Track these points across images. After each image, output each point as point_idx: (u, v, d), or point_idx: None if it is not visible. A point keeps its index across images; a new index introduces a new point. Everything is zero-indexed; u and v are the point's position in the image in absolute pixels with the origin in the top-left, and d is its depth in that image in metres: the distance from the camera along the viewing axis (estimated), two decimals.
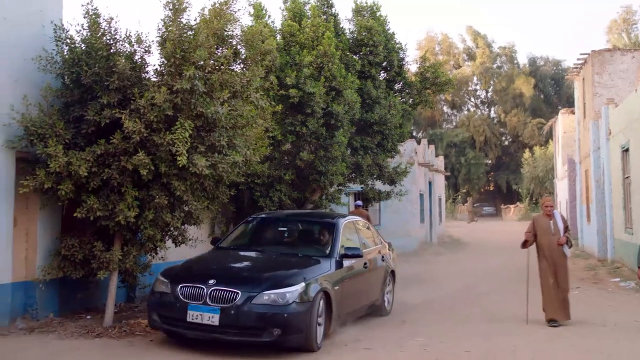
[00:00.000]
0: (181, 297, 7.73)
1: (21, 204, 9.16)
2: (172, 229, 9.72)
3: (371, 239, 10.90)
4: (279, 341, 7.51)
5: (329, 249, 9.09)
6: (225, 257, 9.21)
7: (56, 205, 9.20)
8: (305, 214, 11.48)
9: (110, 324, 9.01)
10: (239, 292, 7.55)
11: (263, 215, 10.71)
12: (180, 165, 8.44)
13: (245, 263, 9.16)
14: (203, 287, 7.68)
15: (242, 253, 9.50)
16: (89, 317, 9.71)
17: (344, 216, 10.53)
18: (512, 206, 61.48)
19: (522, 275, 16.28)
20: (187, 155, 8.41)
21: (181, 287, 7.81)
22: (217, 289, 7.62)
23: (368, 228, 11.17)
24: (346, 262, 8.99)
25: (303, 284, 7.78)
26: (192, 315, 7.57)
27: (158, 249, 9.63)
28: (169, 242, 9.89)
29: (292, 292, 7.63)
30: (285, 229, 10.40)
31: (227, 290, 7.59)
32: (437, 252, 24.86)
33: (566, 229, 10.11)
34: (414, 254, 23.24)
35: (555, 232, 10.01)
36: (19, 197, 8.98)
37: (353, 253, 9.05)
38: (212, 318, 7.48)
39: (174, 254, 10.14)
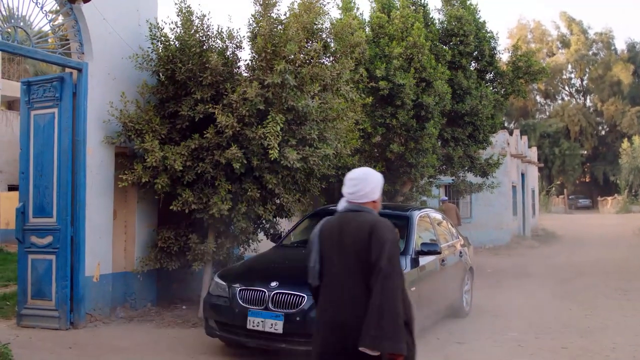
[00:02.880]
0: (240, 302, 6.95)
1: (120, 198, 9.49)
2: (264, 221, 9.84)
3: (448, 233, 10.09)
4: None
5: (403, 245, 8.09)
6: (288, 256, 8.36)
7: (153, 199, 9.47)
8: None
9: None
10: (305, 295, 6.64)
11: (328, 209, 9.89)
12: (272, 159, 8.51)
13: None
14: (264, 290, 6.89)
15: (306, 251, 8.76)
16: (184, 307, 9.98)
17: (419, 209, 9.55)
18: (609, 198, 59.13)
19: (621, 270, 15.80)
20: (278, 148, 8.47)
21: (240, 290, 7.04)
22: (280, 293, 6.81)
23: (444, 221, 10.35)
24: (422, 260, 8.06)
25: None
26: (253, 322, 6.76)
27: (250, 241, 9.78)
28: (261, 235, 10.01)
29: None
30: None
31: (292, 294, 6.76)
32: (530, 246, 24.25)
33: None
34: (507, 247, 22.78)
35: None
36: (118, 191, 9.30)
37: (430, 249, 8.08)
38: (275, 325, 6.66)
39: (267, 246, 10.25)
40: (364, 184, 4.03)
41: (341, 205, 4.07)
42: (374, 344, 3.49)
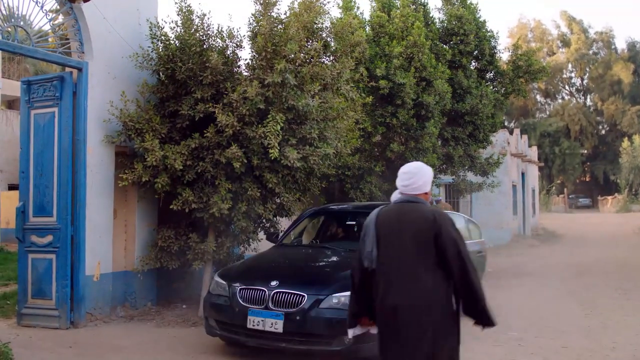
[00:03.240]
0: (240, 301, 6.93)
1: (120, 197, 9.49)
2: (264, 220, 9.84)
3: (469, 233, 10.07)
4: (352, 350, 6.56)
5: None
6: (288, 255, 8.43)
7: (153, 198, 9.47)
8: (376, 206, 10.52)
9: None
10: (305, 295, 6.70)
11: (328, 208, 10.13)
12: (272, 158, 8.51)
13: (311, 261, 8.22)
14: (265, 289, 6.86)
15: (306, 250, 8.80)
16: (184, 306, 9.98)
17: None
18: (609, 197, 59.08)
19: (621, 269, 15.80)
20: (278, 147, 8.47)
21: (240, 289, 7.01)
22: (280, 292, 6.79)
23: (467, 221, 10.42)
24: None
25: None
26: (253, 322, 6.74)
27: (250, 240, 9.78)
28: (261, 234, 10.01)
29: None
30: (353, 222, 9.43)
31: (292, 293, 6.76)
32: (530, 245, 24.25)
33: None
34: (507, 247, 22.78)
35: None
36: (118, 190, 9.30)
37: None
38: (275, 324, 6.65)
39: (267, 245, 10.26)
40: (417, 177, 4.34)
41: (395, 197, 4.43)
42: (482, 322, 4.15)
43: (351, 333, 4.60)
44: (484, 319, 4.14)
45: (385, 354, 4.20)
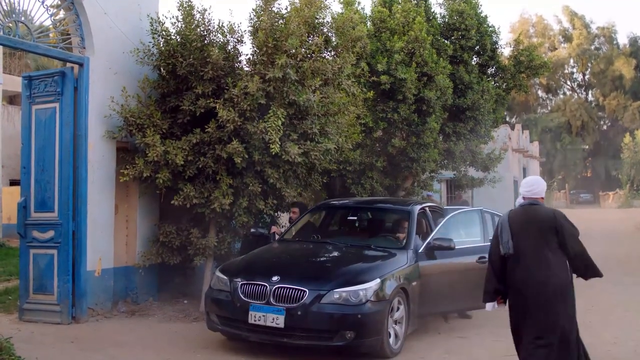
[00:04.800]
0: (242, 296, 6.94)
1: (121, 192, 9.49)
2: (265, 216, 9.85)
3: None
4: (353, 345, 6.68)
5: (405, 239, 8.22)
6: (289, 251, 8.43)
7: (154, 193, 9.47)
8: (376, 201, 10.60)
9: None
10: (306, 290, 6.73)
11: (330, 203, 10.10)
12: (273, 153, 8.51)
13: (312, 257, 8.22)
14: (266, 284, 6.88)
15: (307, 246, 8.73)
16: (186, 301, 9.99)
17: (420, 203, 9.43)
18: (611, 193, 59.06)
19: (623, 265, 15.78)
20: (279, 143, 8.47)
21: (242, 284, 7.03)
22: (281, 287, 6.82)
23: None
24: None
25: (378, 280, 6.94)
26: (254, 317, 6.76)
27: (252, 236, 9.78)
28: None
29: (366, 289, 6.78)
30: (355, 218, 9.54)
31: (293, 288, 6.78)
32: None
33: None
34: None
35: None
36: (120, 186, 9.31)
37: (442, 244, 8.05)
38: (276, 320, 6.66)
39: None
40: (536, 186, 5.98)
41: (519, 201, 6.05)
42: (593, 276, 5.85)
43: (490, 307, 6.11)
44: (594, 274, 5.83)
45: (524, 314, 5.73)
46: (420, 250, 8.03)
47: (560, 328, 5.59)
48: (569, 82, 71.84)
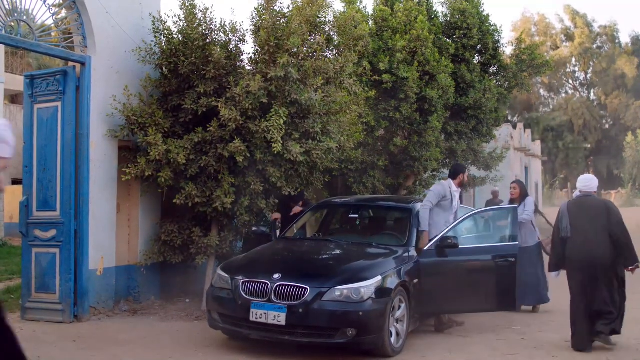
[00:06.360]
0: (243, 294, 6.91)
1: (123, 191, 9.49)
2: (266, 214, 9.85)
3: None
4: (354, 343, 6.67)
5: (406, 237, 8.20)
6: (291, 249, 8.44)
7: (156, 192, 9.47)
8: (378, 199, 10.65)
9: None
10: (308, 287, 6.70)
11: (332, 202, 10.09)
12: (275, 152, 8.51)
13: (314, 254, 8.23)
14: (267, 282, 6.85)
15: (309, 243, 8.80)
16: (187, 300, 10.00)
17: (421, 201, 9.23)
18: (613, 192, 58.96)
19: None
20: (281, 142, 8.47)
21: (243, 282, 6.99)
22: (283, 285, 6.78)
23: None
24: (430, 254, 7.97)
25: (380, 278, 6.92)
26: (256, 315, 6.74)
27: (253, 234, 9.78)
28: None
29: (367, 286, 6.76)
30: (356, 215, 9.51)
31: (295, 286, 6.75)
32: None
33: None
34: None
35: None
36: (122, 185, 9.31)
37: (448, 243, 7.94)
38: (278, 317, 6.64)
39: None
40: (591, 182, 7.63)
41: (576, 194, 7.72)
42: (629, 263, 7.32)
43: (554, 275, 7.95)
44: (633, 259, 7.29)
45: (584, 281, 7.34)
46: (425, 248, 8.02)
47: (608, 295, 7.31)
48: (570, 81, 71.80)
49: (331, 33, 9.87)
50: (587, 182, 7.62)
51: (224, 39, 9.28)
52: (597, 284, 7.29)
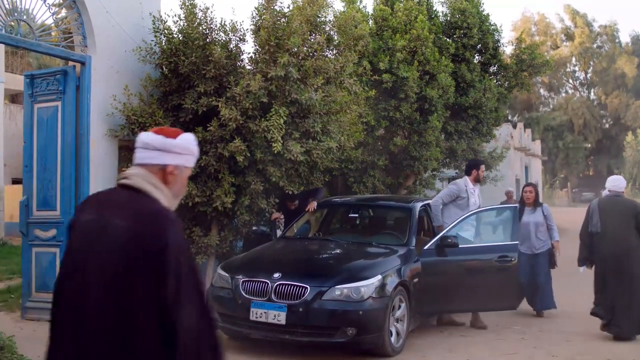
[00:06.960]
0: (243, 293, 6.95)
1: None
2: (267, 214, 9.85)
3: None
4: (354, 342, 6.70)
5: (406, 236, 8.24)
6: (290, 248, 8.47)
7: None
8: (378, 199, 10.68)
9: None
10: (308, 286, 6.73)
11: (332, 201, 10.10)
12: (275, 152, 8.51)
13: (314, 254, 8.28)
14: (267, 281, 6.89)
15: (309, 243, 8.80)
16: None
17: (421, 200, 9.48)
18: None
19: None
20: (282, 141, 8.48)
21: (243, 281, 7.03)
22: (283, 284, 6.82)
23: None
24: (431, 253, 8.02)
25: (380, 277, 6.92)
26: (256, 314, 6.77)
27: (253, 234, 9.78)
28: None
29: (367, 286, 6.77)
30: (356, 215, 9.55)
31: (295, 285, 6.78)
32: None
33: None
34: None
35: None
36: None
37: (447, 243, 7.98)
38: (278, 316, 6.67)
39: None
40: (620, 182, 8.27)
41: (605, 193, 8.29)
42: None
43: (582, 269, 8.40)
44: None
45: (609, 275, 7.78)
46: (425, 247, 8.04)
47: (634, 290, 7.62)
48: (571, 81, 71.84)
49: (331, 33, 9.87)
50: (616, 182, 8.26)
51: (224, 39, 9.28)
52: (621, 277, 7.69)
